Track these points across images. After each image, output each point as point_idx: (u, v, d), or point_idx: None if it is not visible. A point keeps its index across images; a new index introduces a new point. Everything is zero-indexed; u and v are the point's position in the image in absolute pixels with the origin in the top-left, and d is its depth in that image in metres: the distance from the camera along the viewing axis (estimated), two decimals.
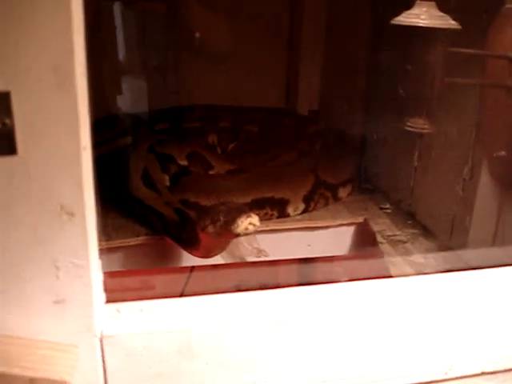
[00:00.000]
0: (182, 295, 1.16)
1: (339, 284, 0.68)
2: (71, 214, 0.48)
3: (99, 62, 1.48)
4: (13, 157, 0.45)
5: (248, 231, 0.84)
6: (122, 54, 1.61)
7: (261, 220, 1.17)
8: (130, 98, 1.64)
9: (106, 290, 0.57)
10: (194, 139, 1.47)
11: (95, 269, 0.52)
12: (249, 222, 0.83)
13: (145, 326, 0.56)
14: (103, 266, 1.07)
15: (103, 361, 0.55)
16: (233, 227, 0.83)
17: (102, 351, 0.54)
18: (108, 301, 0.56)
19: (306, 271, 1.24)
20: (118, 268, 1.11)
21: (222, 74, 1.63)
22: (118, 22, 1.53)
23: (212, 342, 0.57)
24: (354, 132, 1.50)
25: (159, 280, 1.17)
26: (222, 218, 0.86)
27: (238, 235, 0.85)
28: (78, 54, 0.43)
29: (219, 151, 1.52)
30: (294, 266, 1.36)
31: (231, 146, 1.52)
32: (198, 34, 1.51)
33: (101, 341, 0.54)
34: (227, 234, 0.86)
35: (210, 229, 0.89)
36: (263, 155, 1.41)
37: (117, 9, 1.51)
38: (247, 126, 1.57)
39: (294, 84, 1.73)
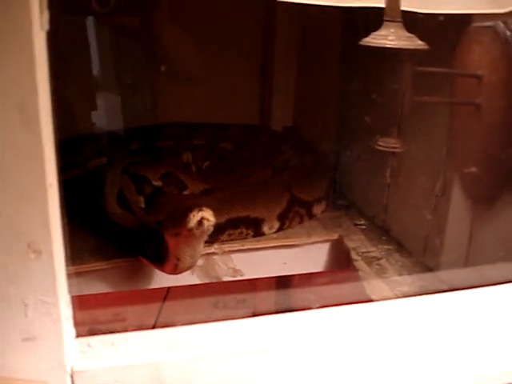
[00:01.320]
0: (155, 324, 1.16)
1: (317, 311, 0.68)
2: (38, 252, 0.47)
3: (71, 80, 1.47)
4: None
5: (202, 227, 0.83)
6: (95, 72, 1.60)
7: (236, 240, 1.19)
8: (102, 117, 1.63)
9: (77, 319, 0.56)
10: (169, 159, 1.47)
11: (64, 305, 0.51)
12: (201, 215, 0.83)
13: (116, 360, 0.55)
14: (78, 290, 1.07)
15: None
16: (185, 221, 0.82)
17: None
18: (79, 335, 0.56)
19: (282, 291, 1.24)
20: (92, 291, 1.10)
21: (196, 91, 1.63)
22: (91, 38, 1.52)
23: (185, 374, 0.56)
24: (327, 148, 1.51)
25: (134, 304, 1.17)
26: (178, 214, 0.86)
27: (191, 230, 0.84)
28: (42, 94, 0.43)
29: (194, 169, 1.52)
30: (270, 286, 1.37)
31: (206, 164, 1.52)
32: (168, 54, 1.51)
33: (71, 376, 0.53)
34: (185, 231, 0.85)
35: (171, 228, 0.89)
36: (237, 173, 1.41)
37: (90, 25, 1.50)
38: (222, 144, 1.57)
39: (268, 100, 1.73)
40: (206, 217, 0.82)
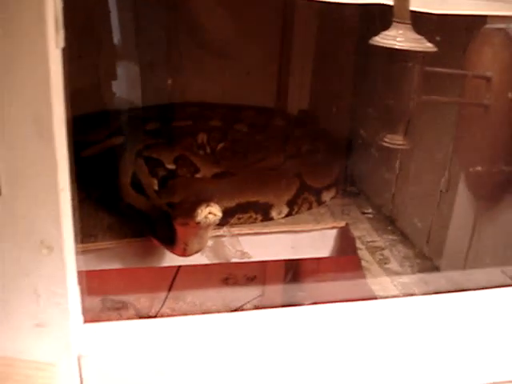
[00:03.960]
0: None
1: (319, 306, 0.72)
2: (50, 248, 0.52)
3: (92, 56, 1.50)
4: None
5: (209, 220, 0.89)
6: (116, 48, 1.62)
7: (245, 223, 1.23)
8: (122, 93, 1.65)
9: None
10: (184, 139, 1.50)
11: (73, 295, 0.56)
12: (208, 211, 0.89)
13: (119, 347, 0.60)
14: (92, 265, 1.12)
15: (81, 378, 0.59)
16: (193, 215, 0.88)
17: (80, 369, 0.59)
18: (86, 321, 0.60)
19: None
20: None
21: (216, 72, 1.66)
22: (114, 12, 1.53)
23: (185, 361, 0.61)
24: (340, 135, 1.53)
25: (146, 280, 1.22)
26: (187, 206, 0.92)
27: (198, 223, 0.89)
28: (56, 107, 0.47)
29: (208, 150, 1.55)
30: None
31: (220, 146, 1.55)
32: (202, 26, 1.52)
33: (78, 360, 0.58)
34: (192, 223, 0.90)
35: (179, 219, 0.95)
36: (250, 157, 1.44)
37: None
38: (237, 126, 1.60)
39: (285, 83, 1.75)
40: (213, 212, 0.88)
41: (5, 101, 0.46)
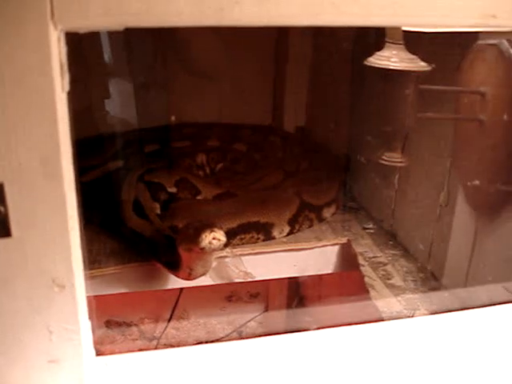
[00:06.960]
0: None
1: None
2: (62, 286, 0.53)
3: (88, 80, 1.51)
4: (8, 239, 0.50)
5: (213, 245, 0.89)
6: (111, 71, 1.64)
7: (247, 244, 1.24)
8: (118, 117, 1.67)
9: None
10: (183, 161, 1.51)
11: (85, 330, 0.57)
12: (212, 236, 0.89)
13: (130, 379, 0.61)
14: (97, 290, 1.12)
15: None
16: (198, 241, 0.89)
17: None
18: (98, 354, 0.61)
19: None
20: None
21: (211, 91, 1.68)
22: (108, 36, 1.54)
23: None
24: (338, 150, 1.55)
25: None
26: (191, 232, 0.92)
27: (203, 249, 0.90)
28: (63, 148, 0.48)
29: (208, 171, 1.57)
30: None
31: (219, 166, 1.57)
32: (192, 52, 1.54)
33: None
34: (196, 249, 0.91)
35: (184, 245, 0.95)
36: (249, 176, 1.45)
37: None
38: (235, 145, 1.61)
39: (281, 100, 1.77)
40: (217, 237, 0.88)
41: (12, 144, 0.47)
